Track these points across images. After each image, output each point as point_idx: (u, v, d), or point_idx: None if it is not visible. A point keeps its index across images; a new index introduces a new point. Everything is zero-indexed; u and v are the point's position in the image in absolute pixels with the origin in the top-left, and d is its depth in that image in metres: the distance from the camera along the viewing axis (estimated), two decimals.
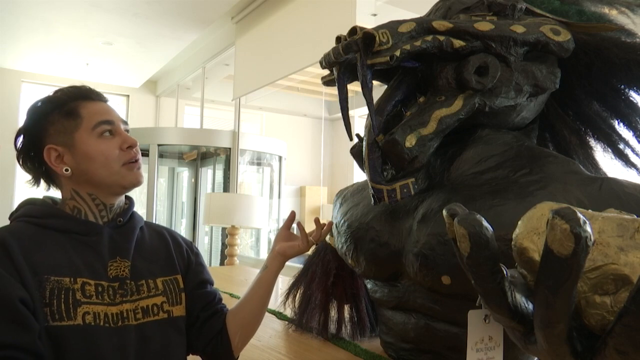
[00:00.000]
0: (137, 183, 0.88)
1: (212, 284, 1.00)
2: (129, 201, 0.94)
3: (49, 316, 0.74)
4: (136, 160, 0.88)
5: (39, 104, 0.87)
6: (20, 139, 0.88)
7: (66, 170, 0.84)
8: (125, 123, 0.91)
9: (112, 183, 0.86)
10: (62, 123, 0.85)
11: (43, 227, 0.82)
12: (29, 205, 0.86)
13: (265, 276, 1.00)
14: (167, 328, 0.86)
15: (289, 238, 1.03)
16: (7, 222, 0.86)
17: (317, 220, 1.06)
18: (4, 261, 0.74)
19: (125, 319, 0.81)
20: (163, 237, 0.96)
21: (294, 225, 1.10)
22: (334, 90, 1.73)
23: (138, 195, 6.62)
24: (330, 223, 1.08)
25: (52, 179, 0.89)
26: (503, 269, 0.50)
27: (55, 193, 0.91)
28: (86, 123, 0.85)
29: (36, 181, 0.89)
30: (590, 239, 0.40)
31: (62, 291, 0.76)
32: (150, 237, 0.94)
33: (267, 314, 1.54)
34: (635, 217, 0.53)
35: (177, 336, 0.89)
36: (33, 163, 0.87)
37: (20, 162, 0.88)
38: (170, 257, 0.93)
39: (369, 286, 1.12)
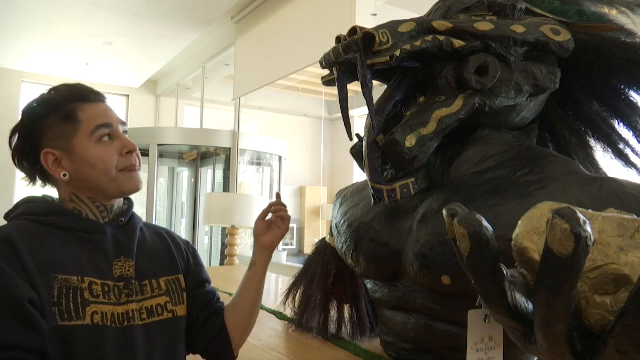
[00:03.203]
0: (135, 190, 0.87)
1: (210, 282, 1.00)
2: (129, 202, 0.94)
3: (57, 316, 0.73)
4: (135, 167, 0.86)
5: (35, 105, 0.85)
6: (15, 138, 0.85)
7: (64, 175, 0.83)
8: (124, 124, 0.88)
9: (112, 189, 0.84)
10: (59, 127, 0.82)
11: (46, 225, 0.80)
12: (29, 203, 0.85)
13: (255, 273, 1.00)
14: (172, 328, 0.87)
15: (267, 229, 1.02)
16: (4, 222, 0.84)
17: (277, 195, 1.05)
18: (12, 260, 0.72)
19: (132, 319, 0.80)
20: (163, 238, 0.96)
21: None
22: (334, 90, 1.73)
23: (138, 195, 6.59)
24: (278, 194, 1.07)
25: (48, 179, 0.87)
26: (503, 269, 0.50)
27: (52, 192, 0.89)
28: (85, 127, 0.82)
29: (32, 179, 0.87)
30: (591, 239, 0.40)
31: (70, 290, 0.75)
32: (151, 238, 0.94)
33: (267, 314, 1.54)
34: (635, 217, 0.53)
35: (181, 336, 0.89)
36: (29, 163, 0.85)
37: (16, 161, 0.86)
38: (172, 257, 0.93)
39: (369, 286, 1.12)
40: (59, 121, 0.82)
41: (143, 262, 0.87)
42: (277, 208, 1.02)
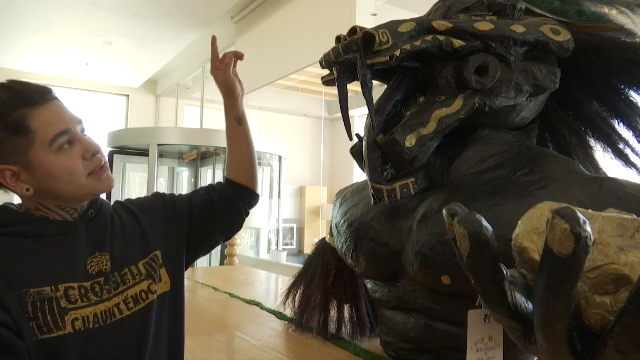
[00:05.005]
0: (107, 190, 0.83)
1: (193, 193, 1.04)
2: None
3: (36, 330, 0.70)
4: (102, 167, 0.81)
5: None
6: None
7: (27, 190, 0.76)
8: (81, 122, 0.81)
9: (82, 195, 0.80)
10: (10, 141, 0.73)
11: (13, 236, 0.75)
12: None
13: (241, 128, 1.08)
14: (159, 309, 0.85)
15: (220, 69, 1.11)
16: None
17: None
18: None
19: (115, 315, 0.79)
20: (134, 215, 0.91)
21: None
22: (334, 90, 1.73)
23: (138, 195, 6.62)
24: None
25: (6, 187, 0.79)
26: (503, 269, 0.50)
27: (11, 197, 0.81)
28: (41, 138, 0.74)
29: None
30: (591, 239, 0.40)
31: (45, 302, 0.72)
32: (122, 221, 0.89)
33: (267, 314, 1.54)
34: (635, 217, 0.53)
35: (171, 312, 0.88)
36: None
37: None
38: (145, 236, 0.89)
39: (369, 286, 1.12)
40: (7, 134, 0.73)
41: (119, 250, 0.84)
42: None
